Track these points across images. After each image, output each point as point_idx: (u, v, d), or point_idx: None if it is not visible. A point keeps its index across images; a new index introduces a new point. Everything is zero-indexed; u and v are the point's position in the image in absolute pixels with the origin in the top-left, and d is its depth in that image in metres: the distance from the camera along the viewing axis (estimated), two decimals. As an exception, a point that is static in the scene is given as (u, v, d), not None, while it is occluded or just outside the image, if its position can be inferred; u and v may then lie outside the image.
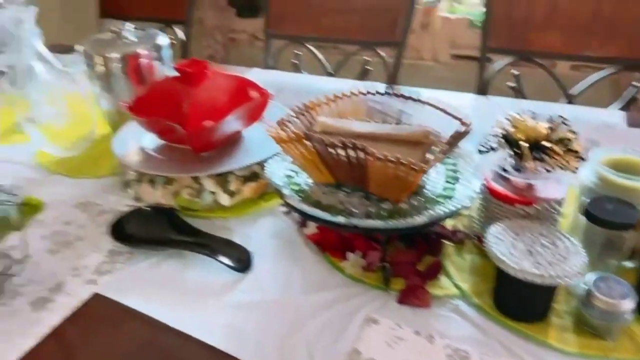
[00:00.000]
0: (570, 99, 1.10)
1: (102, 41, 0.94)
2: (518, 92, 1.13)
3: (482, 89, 1.17)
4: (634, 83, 1.01)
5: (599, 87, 1.05)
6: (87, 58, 0.93)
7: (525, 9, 1.07)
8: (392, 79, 1.23)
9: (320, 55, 1.34)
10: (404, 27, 1.21)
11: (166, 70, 0.94)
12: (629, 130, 0.91)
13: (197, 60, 0.80)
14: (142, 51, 0.92)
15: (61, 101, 0.95)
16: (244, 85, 0.81)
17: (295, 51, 1.35)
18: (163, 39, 0.95)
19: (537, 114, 0.64)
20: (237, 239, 0.69)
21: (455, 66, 2.23)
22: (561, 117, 0.63)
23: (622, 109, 1.03)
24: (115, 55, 0.91)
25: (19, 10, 0.82)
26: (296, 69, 1.36)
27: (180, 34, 1.57)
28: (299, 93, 1.17)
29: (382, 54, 1.25)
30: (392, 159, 0.55)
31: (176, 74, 0.80)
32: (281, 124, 0.68)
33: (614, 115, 0.97)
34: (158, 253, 0.67)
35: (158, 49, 0.94)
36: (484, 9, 1.92)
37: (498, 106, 1.03)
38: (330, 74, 1.33)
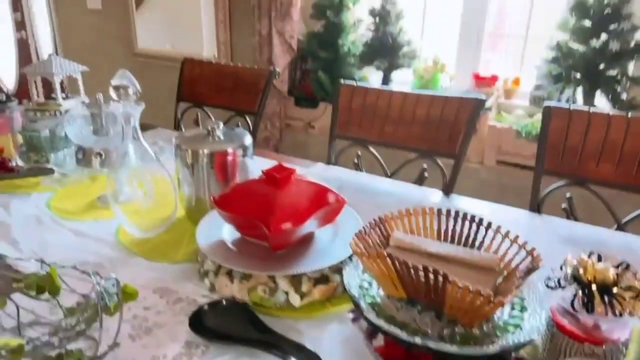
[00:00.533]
0: (620, 225, 1.13)
1: (195, 136, 1.06)
2: (570, 214, 1.17)
3: (536, 207, 1.22)
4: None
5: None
6: (178, 149, 1.04)
7: (579, 138, 1.14)
8: (448, 188, 1.29)
9: (380, 158, 1.43)
10: (463, 141, 1.29)
11: (249, 169, 1.04)
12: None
13: (283, 167, 0.89)
14: (229, 149, 1.02)
15: (148, 184, 1.05)
16: (323, 192, 0.89)
17: (358, 151, 1.45)
18: (249, 139, 1.06)
19: (603, 256, 0.68)
20: (307, 342, 0.72)
21: (500, 171, 2.30)
22: (626, 263, 0.67)
23: None
24: (205, 151, 1.01)
25: (131, 106, 0.95)
26: (357, 167, 1.45)
27: (249, 122, 1.72)
28: (358, 191, 1.25)
29: (440, 163, 1.33)
30: (472, 290, 0.59)
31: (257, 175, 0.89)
32: (361, 237, 0.73)
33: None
34: (233, 349, 0.71)
35: (244, 148, 1.04)
36: (539, 129, 2.01)
37: (552, 227, 1.07)
38: (388, 176, 1.41)
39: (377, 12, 2.41)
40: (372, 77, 2.64)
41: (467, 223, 0.79)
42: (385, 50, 2.44)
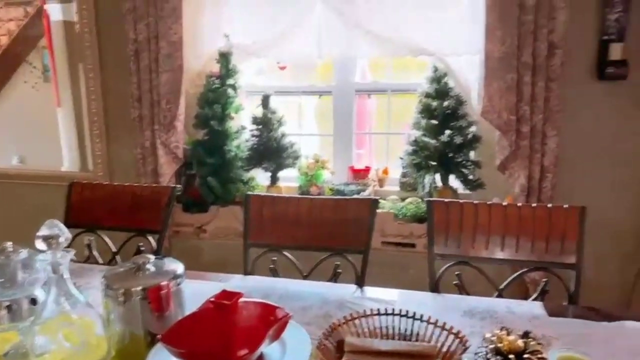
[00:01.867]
0: (500, 292, 1.38)
1: (125, 273, 1.05)
2: (462, 289, 1.40)
3: (435, 287, 1.42)
4: (544, 279, 1.33)
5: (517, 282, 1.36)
6: (108, 288, 1.02)
7: (457, 224, 1.39)
8: (360, 281, 1.43)
9: (295, 260, 1.53)
10: (367, 236, 1.47)
11: (184, 296, 1.05)
12: (551, 320, 1.18)
13: (228, 292, 0.94)
14: (164, 282, 1.03)
15: (73, 329, 0.99)
16: (270, 309, 0.95)
17: (272, 258, 1.53)
18: (181, 268, 1.08)
19: (510, 329, 0.87)
20: None
21: (385, 251, 2.56)
22: (527, 331, 0.86)
23: (536, 299, 1.33)
24: (138, 288, 1.01)
25: (61, 255, 0.92)
26: (274, 273, 1.52)
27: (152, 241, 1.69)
28: (282, 297, 1.32)
29: (350, 258, 1.48)
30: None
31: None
32: (322, 350, 0.81)
33: (535, 306, 1.25)
34: None
35: (177, 277, 1.06)
36: (411, 211, 2.28)
37: (451, 303, 1.27)
38: (305, 277, 1.51)
39: (259, 120, 2.62)
40: (259, 177, 2.79)
41: (403, 319, 0.92)
42: (270, 152, 2.63)
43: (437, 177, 2.55)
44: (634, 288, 2.19)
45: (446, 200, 1.44)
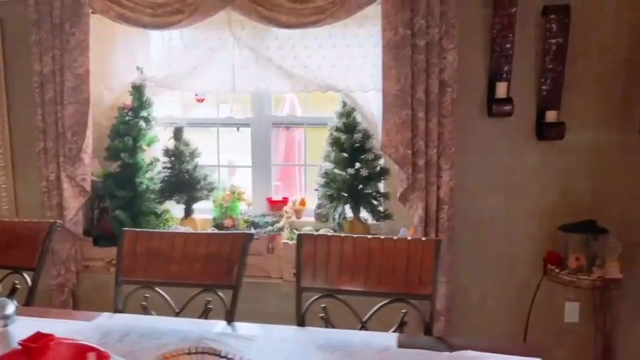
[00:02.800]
0: (363, 324, 1.40)
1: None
2: (327, 322, 1.41)
3: (301, 321, 1.43)
4: (403, 310, 1.36)
5: (384, 312, 1.39)
6: None
7: (325, 258, 1.42)
8: (230, 317, 1.43)
9: (167, 297, 1.51)
10: (239, 272, 1.47)
11: (11, 338, 1.01)
12: (399, 351, 1.21)
13: (41, 334, 0.92)
14: (-15, 323, 0.99)
15: None
16: (83, 350, 0.93)
17: (145, 294, 1.50)
18: (11, 308, 1.05)
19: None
20: None
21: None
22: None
23: (396, 330, 1.36)
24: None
25: None
26: (145, 310, 1.49)
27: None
28: (143, 336, 1.29)
29: (221, 294, 1.47)
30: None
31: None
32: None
33: (389, 338, 1.28)
34: None
35: (6, 318, 1.02)
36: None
37: (312, 337, 1.28)
38: (177, 314, 1.48)
39: (171, 152, 2.62)
40: (174, 209, 2.76)
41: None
42: (182, 185, 2.62)
43: (348, 208, 2.60)
44: (529, 317, 2.27)
45: (315, 234, 1.47)
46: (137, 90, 2.62)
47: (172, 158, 2.63)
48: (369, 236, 1.47)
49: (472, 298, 2.42)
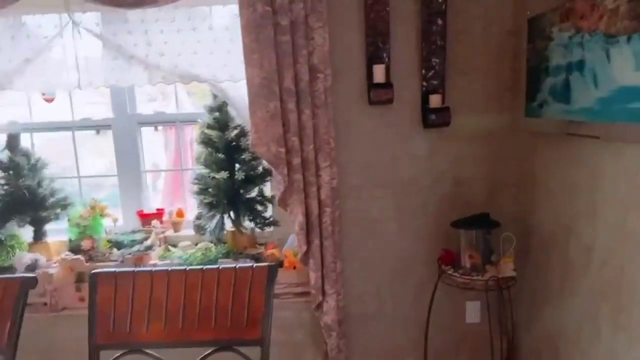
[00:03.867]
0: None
1: None
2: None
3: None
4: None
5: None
6: None
7: (127, 302, 1.08)
8: None
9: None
10: (10, 332, 1.10)
11: None
12: None
13: None
14: None
15: None
16: None
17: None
18: None
19: None
20: None
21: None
22: None
23: None
24: None
25: None
26: None
27: None
28: None
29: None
30: None
31: None
32: None
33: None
34: None
35: None
36: (200, 256, 1.95)
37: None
38: None
39: (5, 165, 2.16)
40: (25, 233, 2.31)
41: None
42: (23, 204, 2.18)
43: (230, 216, 2.27)
44: (429, 321, 2.06)
45: (116, 271, 1.13)
46: (-44, 92, 2.14)
47: (8, 173, 2.16)
48: (187, 268, 1.15)
49: (368, 306, 2.18)
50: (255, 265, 1.11)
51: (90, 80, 2.18)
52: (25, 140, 2.38)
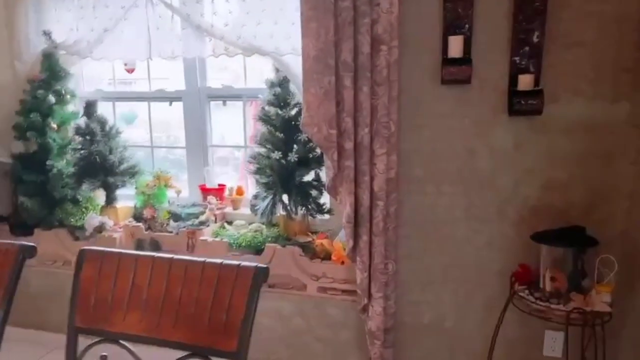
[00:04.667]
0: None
1: None
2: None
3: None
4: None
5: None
6: None
7: (109, 286, 0.99)
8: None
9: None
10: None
11: None
12: None
13: None
14: None
15: None
16: None
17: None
18: None
19: None
20: None
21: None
22: None
23: None
24: None
25: None
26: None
27: None
28: None
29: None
30: None
31: None
32: None
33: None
34: None
35: None
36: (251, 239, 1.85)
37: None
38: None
39: (82, 131, 2.26)
40: (101, 197, 2.43)
41: None
42: (95, 169, 2.27)
43: (283, 200, 2.14)
44: (494, 344, 1.73)
45: (104, 250, 1.04)
46: (48, 59, 2.28)
47: (85, 137, 2.27)
48: (174, 257, 1.02)
49: (424, 317, 1.90)
50: (241, 264, 0.94)
51: (160, 50, 2.17)
52: (108, 109, 2.49)
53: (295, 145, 2.08)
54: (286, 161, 2.05)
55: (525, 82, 1.58)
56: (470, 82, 1.65)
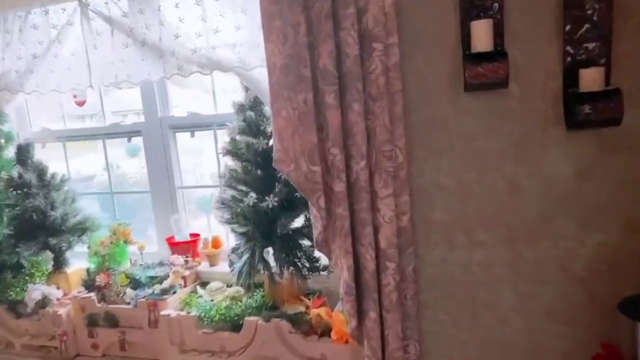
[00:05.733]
0: None
1: None
2: None
3: None
4: None
5: None
6: None
7: None
8: None
9: None
10: None
11: None
12: None
13: None
14: None
15: None
16: None
17: None
18: None
19: None
20: None
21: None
22: None
23: None
24: None
25: None
26: None
27: None
28: None
29: None
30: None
31: None
32: None
33: None
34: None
35: None
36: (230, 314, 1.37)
37: None
38: None
39: (13, 183, 1.82)
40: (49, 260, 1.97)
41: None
42: (33, 228, 1.82)
43: (263, 256, 1.64)
44: None
45: None
46: (-27, 97, 1.86)
47: (17, 191, 1.82)
48: None
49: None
50: None
51: (101, 75, 1.73)
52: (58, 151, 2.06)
53: (277, 183, 1.59)
54: (266, 205, 1.56)
55: (590, 78, 1.07)
56: (507, 85, 1.14)
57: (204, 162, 2.16)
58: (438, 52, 1.22)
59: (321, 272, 1.59)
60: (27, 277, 1.90)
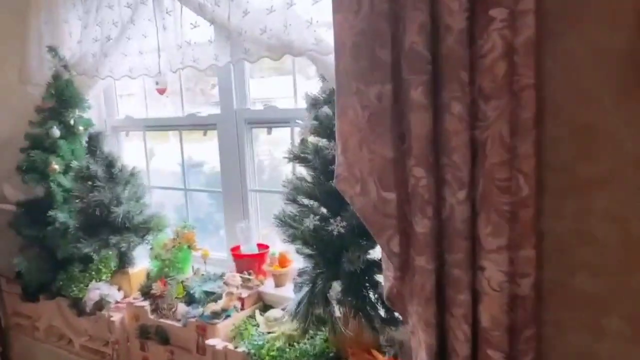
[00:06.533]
0: None
1: None
2: None
3: None
4: None
5: None
6: None
7: None
8: None
9: None
10: None
11: None
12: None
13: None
14: None
15: None
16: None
17: None
18: None
19: None
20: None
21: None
22: None
23: None
24: None
25: None
26: None
27: None
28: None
29: None
30: None
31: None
32: None
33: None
34: None
35: None
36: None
37: None
38: None
39: (81, 174, 1.72)
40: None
41: None
42: (96, 225, 1.71)
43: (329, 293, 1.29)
44: None
45: None
46: (56, 82, 1.80)
47: (84, 183, 1.71)
48: None
49: None
50: None
51: (169, 59, 1.53)
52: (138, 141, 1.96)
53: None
54: (330, 230, 1.21)
55: None
56: None
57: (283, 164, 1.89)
58: (605, 27, 0.74)
59: (399, 328, 1.20)
60: (93, 273, 1.81)
